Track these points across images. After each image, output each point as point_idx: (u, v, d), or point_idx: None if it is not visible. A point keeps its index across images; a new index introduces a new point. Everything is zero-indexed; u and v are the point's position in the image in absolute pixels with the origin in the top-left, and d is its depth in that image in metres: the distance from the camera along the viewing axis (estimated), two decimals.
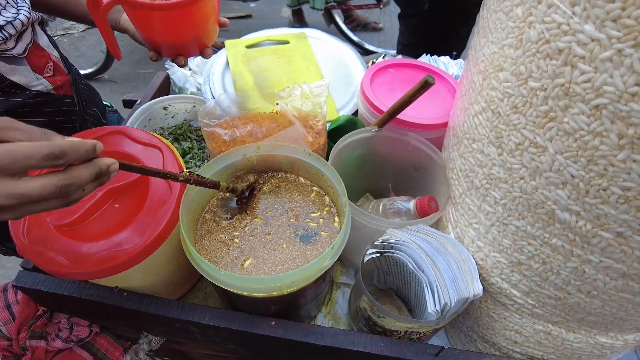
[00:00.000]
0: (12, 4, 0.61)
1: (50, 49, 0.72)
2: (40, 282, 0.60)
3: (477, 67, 0.50)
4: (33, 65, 0.67)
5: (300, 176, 0.66)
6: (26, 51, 0.65)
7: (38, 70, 0.68)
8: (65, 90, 0.73)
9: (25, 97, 0.66)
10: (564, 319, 0.52)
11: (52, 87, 0.70)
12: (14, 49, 0.62)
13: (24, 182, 0.35)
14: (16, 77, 0.64)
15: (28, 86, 0.66)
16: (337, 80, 0.86)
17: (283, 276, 0.49)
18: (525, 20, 0.40)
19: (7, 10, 0.60)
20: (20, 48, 0.64)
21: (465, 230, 0.57)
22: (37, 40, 0.68)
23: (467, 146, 0.53)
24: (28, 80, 0.66)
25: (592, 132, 0.36)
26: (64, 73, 0.74)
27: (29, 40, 0.66)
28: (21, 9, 0.63)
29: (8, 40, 0.61)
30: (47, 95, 0.70)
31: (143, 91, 0.93)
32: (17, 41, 0.63)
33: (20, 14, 0.62)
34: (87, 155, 0.39)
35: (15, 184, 0.34)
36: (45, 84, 0.69)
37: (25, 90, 0.66)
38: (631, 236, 0.39)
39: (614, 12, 0.31)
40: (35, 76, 0.67)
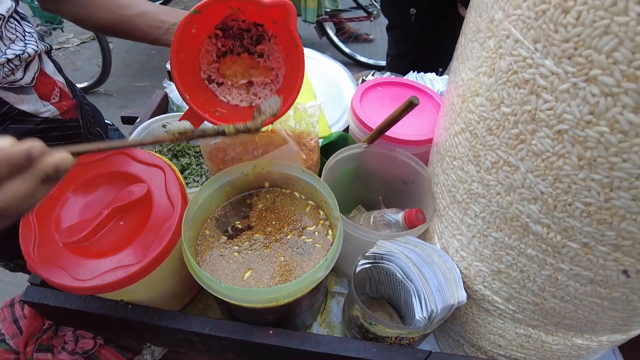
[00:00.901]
0: (21, 38, 0.64)
1: (56, 75, 0.74)
2: (47, 297, 0.63)
3: (457, 90, 0.55)
4: (40, 93, 0.69)
5: (295, 191, 0.70)
6: (34, 80, 0.68)
7: (45, 98, 0.70)
8: (71, 115, 0.76)
9: (33, 123, 0.69)
10: (542, 322, 0.56)
11: (59, 112, 0.73)
12: (22, 79, 0.65)
13: None
14: (24, 106, 0.67)
15: (36, 113, 0.69)
16: (329, 98, 0.90)
17: (280, 288, 0.52)
18: (496, 51, 0.44)
19: (16, 44, 0.63)
20: (28, 78, 0.67)
21: (449, 241, 0.61)
22: (43, 69, 0.71)
23: (449, 163, 0.57)
24: (36, 108, 0.69)
25: (557, 154, 0.40)
26: (69, 97, 0.76)
27: (36, 70, 0.68)
28: (29, 42, 0.66)
29: (16, 72, 0.64)
30: (53, 120, 0.72)
31: (139, 104, 0.97)
32: (25, 71, 0.66)
33: (29, 47, 0.65)
34: (21, 166, 0.33)
35: None
36: (52, 110, 0.71)
37: (34, 117, 0.69)
38: (595, 246, 0.43)
39: (568, 51, 0.35)
40: (42, 103, 0.70)
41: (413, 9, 1.35)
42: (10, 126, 0.66)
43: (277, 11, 0.58)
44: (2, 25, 0.61)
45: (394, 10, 1.49)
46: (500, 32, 0.43)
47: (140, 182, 0.63)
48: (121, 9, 0.74)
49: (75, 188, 0.62)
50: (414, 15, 1.37)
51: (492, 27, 0.44)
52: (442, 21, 1.37)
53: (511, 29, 0.41)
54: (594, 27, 0.33)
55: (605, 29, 0.32)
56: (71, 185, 0.62)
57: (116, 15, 0.74)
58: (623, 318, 0.52)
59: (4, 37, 0.62)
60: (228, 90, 0.68)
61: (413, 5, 1.35)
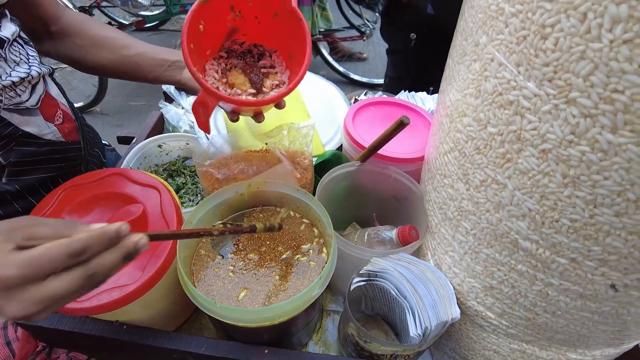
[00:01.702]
0: (25, 60, 0.66)
1: (59, 98, 0.75)
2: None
3: (445, 110, 0.56)
4: (45, 115, 0.70)
5: (290, 210, 0.70)
6: (39, 102, 0.68)
7: (49, 119, 0.71)
8: (72, 137, 0.77)
9: (37, 146, 0.69)
10: (536, 337, 0.56)
11: (61, 134, 0.73)
12: (27, 101, 0.66)
13: (49, 283, 0.35)
14: (29, 128, 0.67)
15: (40, 135, 0.69)
16: (323, 117, 0.92)
17: (275, 307, 0.53)
18: (481, 74, 0.46)
19: (20, 67, 0.64)
20: (34, 100, 0.67)
21: (442, 258, 0.62)
22: (48, 91, 0.72)
23: (440, 181, 0.58)
24: (40, 130, 0.69)
25: (542, 172, 0.42)
26: (71, 120, 0.77)
27: (41, 92, 0.69)
28: (32, 64, 0.67)
29: (23, 94, 0.65)
30: (56, 143, 0.73)
31: (135, 123, 0.98)
32: (32, 93, 0.67)
33: (32, 69, 0.66)
34: (110, 242, 0.38)
35: (41, 289, 0.34)
36: (55, 132, 0.72)
37: (37, 139, 0.69)
38: (582, 261, 0.44)
39: (548, 74, 0.37)
40: (46, 125, 0.70)
41: (413, 34, 1.38)
42: (14, 148, 0.67)
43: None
44: (6, 48, 0.62)
45: (394, 34, 1.52)
46: (484, 55, 0.45)
47: (136, 202, 0.63)
48: (122, 49, 0.76)
49: (71, 209, 0.62)
50: (414, 40, 1.40)
51: (477, 50, 0.46)
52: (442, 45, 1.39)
53: (495, 52, 0.43)
54: (571, 52, 0.34)
55: (581, 54, 0.34)
56: (67, 207, 0.62)
57: (117, 55, 0.76)
58: (614, 332, 0.53)
59: (9, 59, 0.63)
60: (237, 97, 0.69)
61: (413, 30, 1.38)
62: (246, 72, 0.70)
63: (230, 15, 0.66)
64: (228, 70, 0.71)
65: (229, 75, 0.70)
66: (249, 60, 0.72)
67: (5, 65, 0.62)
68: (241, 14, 0.67)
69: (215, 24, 0.66)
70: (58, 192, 0.64)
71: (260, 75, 0.71)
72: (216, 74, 0.69)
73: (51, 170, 0.73)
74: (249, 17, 0.68)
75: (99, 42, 0.76)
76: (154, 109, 1.03)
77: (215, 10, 0.63)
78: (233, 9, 0.66)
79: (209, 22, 0.64)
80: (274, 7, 0.66)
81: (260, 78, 0.71)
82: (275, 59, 0.73)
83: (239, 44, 0.72)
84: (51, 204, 0.62)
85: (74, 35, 0.76)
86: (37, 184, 0.73)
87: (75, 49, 0.76)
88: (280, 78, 0.72)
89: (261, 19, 0.68)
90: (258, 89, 0.70)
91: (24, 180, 0.71)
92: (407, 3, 1.33)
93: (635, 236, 0.39)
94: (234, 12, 0.66)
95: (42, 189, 0.75)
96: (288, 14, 0.64)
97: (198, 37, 0.64)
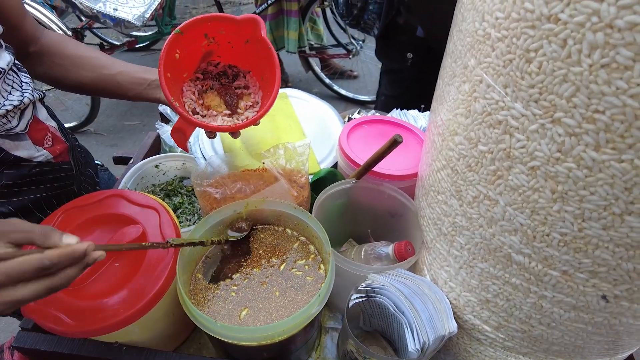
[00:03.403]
0: (17, 87, 0.66)
1: (48, 121, 0.76)
2: (39, 342, 0.62)
3: (437, 129, 0.58)
4: (33, 139, 0.71)
5: (287, 228, 0.71)
6: (27, 127, 0.69)
7: (38, 143, 0.72)
8: (63, 158, 0.77)
9: (28, 168, 0.70)
10: (532, 349, 0.57)
11: (52, 156, 0.74)
12: (17, 126, 0.67)
13: (17, 290, 0.41)
14: (20, 152, 0.68)
15: (30, 158, 0.70)
16: (317, 135, 0.94)
17: (275, 325, 0.53)
18: (471, 95, 0.48)
19: (13, 95, 0.65)
20: (23, 125, 0.68)
21: (438, 273, 0.63)
22: (37, 115, 0.72)
23: (434, 197, 0.60)
24: (30, 153, 0.70)
25: (532, 188, 0.43)
26: (61, 142, 0.78)
27: (29, 117, 0.70)
28: (25, 90, 0.68)
29: (12, 120, 0.66)
30: (47, 164, 0.74)
31: (129, 143, 0.99)
32: (20, 119, 0.67)
33: (25, 96, 0.67)
34: (77, 260, 0.44)
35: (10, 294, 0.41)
36: (46, 154, 0.73)
37: (28, 162, 0.70)
38: (574, 273, 0.45)
39: (534, 95, 0.39)
40: (36, 149, 0.71)
41: (410, 54, 1.41)
42: (5, 171, 0.67)
43: (249, 27, 0.68)
44: (2, 79, 0.63)
45: (391, 54, 1.54)
46: (473, 77, 0.47)
47: (135, 223, 0.64)
48: (102, 68, 0.78)
49: (71, 231, 0.62)
50: (410, 59, 1.43)
51: (466, 72, 0.49)
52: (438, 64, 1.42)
53: (483, 75, 0.45)
54: (554, 75, 0.37)
55: (563, 77, 0.36)
56: (67, 229, 0.63)
57: (97, 74, 0.78)
58: (608, 342, 0.54)
59: (2, 89, 0.63)
60: (213, 118, 0.73)
61: (410, 49, 1.41)
62: (221, 94, 0.74)
63: (205, 41, 0.70)
64: (204, 92, 0.75)
65: (205, 97, 0.74)
66: (224, 82, 0.76)
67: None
68: (215, 40, 0.70)
69: (190, 50, 0.69)
70: (57, 214, 0.64)
71: (235, 97, 0.75)
72: (193, 96, 0.73)
73: (43, 190, 0.74)
74: (222, 43, 0.71)
75: (79, 62, 0.78)
76: (148, 128, 1.05)
77: (190, 38, 0.67)
78: (207, 36, 0.69)
79: (184, 50, 0.68)
80: (245, 35, 0.70)
81: (235, 100, 0.75)
82: (249, 79, 0.77)
83: (214, 65, 0.75)
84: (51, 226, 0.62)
85: (53, 55, 0.77)
86: (30, 204, 0.74)
87: (54, 68, 0.77)
88: (253, 99, 0.76)
89: (234, 44, 0.72)
90: (233, 110, 0.74)
91: (16, 202, 0.72)
92: (403, 24, 1.36)
93: (622, 248, 0.41)
94: (208, 39, 0.70)
95: (36, 210, 0.75)
96: (258, 41, 0.69)
97: (174, 64, 0.67)
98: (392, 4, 1.37)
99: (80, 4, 2.24)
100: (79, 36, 2.64)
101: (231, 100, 0.75)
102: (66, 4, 2.30)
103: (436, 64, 1.09)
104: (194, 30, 0.67)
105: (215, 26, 0.68)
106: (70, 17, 2.96)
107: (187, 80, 0.74)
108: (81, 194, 0.83)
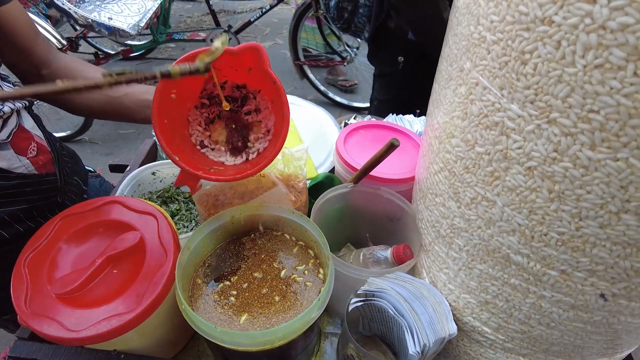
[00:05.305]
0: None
1: (34, 130, 0.74)
2: (36, 351, 0.61)
3: (434, 132, 0.59)
4: (17, 148, 0.69)
5: (286, 233, 0.71)
6: (10, 136, 0.67)
7: (22, 152, 0.70)
8: (47, 169, 0.75)
9: (5, 179, 0.68)
10: (532, 350, 0.57)
11: (34, 167, 0.72)
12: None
13: None
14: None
15: (10, 169, 0.68)
16: (314, 141, 0.95)
17: (274, 330, 0.53)
18: (467, 97, 0.49)
19: None
20: (4, 134, 0.66)
21: (437, 275, 0.63)
22: (22, 124, 0.71)
23: (431, 200, 0.60)
24: (10, 164, 0.68)
25: (529, 188, 0.44)
26: (47, 152, 0.76)
27: (14, 125, 0.68)
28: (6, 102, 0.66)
29: None
30: (28, 176, 0.71)
31: (124, 151, 0.98)
32: (2, 128, 0.66)
33: (6, 106, 0.65)
34: None
35: None
36: (27, 165, 0.71)
37: (7, 173, 0.67)
38: (572, 272, 0.46)
39: (530, 97, 0.40)
40: (18, 158, 0.69)
41: (401, 57, 1.43)
42: None
43: (250, 56, 0.59)
44: None
45: (382, 58, 1.56)
46: (469, 80, 0.47)
47: (133, 230, 0.64)
48: (109, 91, 0.77)
49: (67, 238, 0.62)
50: (401, 62, 1.44)
51: (462, 75, 0.49)
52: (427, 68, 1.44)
53: (479, 77, 0.46)
54: (549, 76, 0.37)
55: (558, 78, 0.37)
56: (64, 236, 0.62)
57: (104, 97, 0.77)
58: (607, 341, 0.54)
59: None
60: (222, 152, 0.68)
61: (401, 53, 1.42)
62: (229, 126, 0.68)
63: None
64: (211, 122, 0.68)
65: (212, 130, 0.68)
66: (232, 107, 0.67)
67: None
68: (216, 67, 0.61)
69: (188, 82, 0.62)
70: (55, 221, 0.64)
71: (245, 129, 0.68)
72: (199, 127, 0.67)
73: (22, 203, 0.72)
74: (224, 68, 0.63)
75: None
76: (143, 136, 1.05)
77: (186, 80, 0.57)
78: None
79: (181, 86, 0.61)
80: (247, 64, 0.62)
81: (245, 132, 0.68)
82: (260, 100, 0.68)
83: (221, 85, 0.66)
84: (48, 233, 0.62)
85: (64, 77, 0.77)
86: (6, 217, 0.71)
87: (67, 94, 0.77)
88: (265, 127, 0.68)
89: (238, 69, 0.64)
90: (242, 148, 0.68)
91: None
92: (394, 28, 1.38)
93: (620, 246, 0.42)
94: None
95: (15, 222, 0.73)
96: (263, 72, 0.60)
97: (171, 104, 0.61)
98: (381, 8, 1.39)
99: (75, 13, 2.24)
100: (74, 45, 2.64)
101: (240, 135, 0.67)
102: (61, 13, 2.31)
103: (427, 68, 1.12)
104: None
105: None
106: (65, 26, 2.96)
107: (192, 108, 0.66)
108: (65, 204, 0.82)
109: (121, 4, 2.39)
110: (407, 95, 1.55)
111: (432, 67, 0.62)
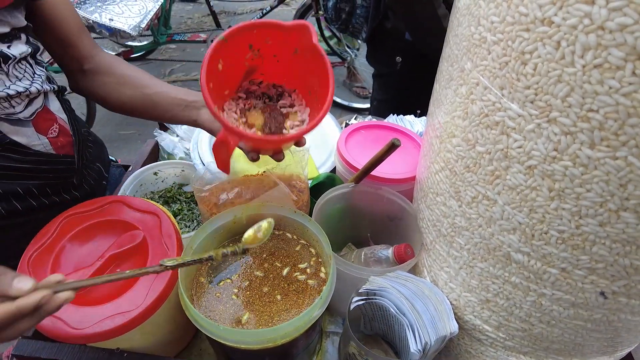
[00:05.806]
0: (28, 78, 0.67)
1: (59, 113, 0.76)
2: (40, 349, 0.62)
3: (434, 132, 0.59)
4: (38, 127, 0.71)
5: (288, 232, 0.72)
6: (34, 115, 0.70)
7: (42, 132, 0.72)
8: (66, 151, 0.77)
9: (22, 154, 0.69)
10: (532, 348, 0.58)
11: (52, 147, 0.74)
12: (21, 113, 0.67)
13: None
14: (18, 137, 0.68)
15: (28, 145, 0.70)
16: (316, 141, 0.95)
17: (277, 328, 0.53)
18: (468, 97, 0.49)
19: (22, 82, 0.66)
20: (28, 112, 0.68)
21: (438, 274, 0.64)
22: (47, 106, 0.73)
23: (432, 199, 0.61)
24: (29, 141, 0.70)
25: (529, 187, 0.44)
26: (68, 135, 0.78)
27: (39, 106, 0.71)
28: (35, 81, 0.68)
29: (17, 106, 0.66)
30: (44, 154, 0.73)
31: (125, 152, 0.98)
32: (27, 106, 0.68)
33: (33, 86, 0.68)
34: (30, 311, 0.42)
35: None
36: (45, 144, 0.73)
37: (25, 148, 0.69)
38: (572, 270, 0.46)
39: (530, 96, 0.40)
40: (37, 136, 0.71)
41: (399, 57, 1.43)
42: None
43: (297, 34, 0.60)
44: (10, 64, 0.64)
45: (380, 58, 1.57)
46: (470, 80, 0.48)
47: (136, 229, 0.64)
48: (143, 87, 0.78)
49: (71, 237, 0.63)
50: (399, 63, 1.45)
51: (463, 75, 0.50)
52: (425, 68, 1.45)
53: (480, 77, 0.46)
54: (549, 76, 0.38)
55: (558, 78, 0.37)
56: (67, 235, 0.63)
57: (138, 93, 0.78)
58: (607, 339, 0.55)
59: (10, 74, 0.65)
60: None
61: (399, 53, 1.43)
62: (266, 113, 0.68)
63: (249, 54, 0.64)
64: (247, 111, 0.68)
65: (248, 116, 0.68)
66: (267, 101, 0.69)
67: (5, 78, 0.64)
68: (259, 53, 0.64)
69: (233, 63, 0.63)
70: (58, 220, 0.64)
71: (281, 116, 0.68)
72: (235, 114, 0.67)
73: (37, 179, 0.74)
74: (267, 56, 0.65)
75: (123, 80, 0.78)
76: (144, 137, 1.05)
77: (233, 48, 0.61)
78: (252, 48, 0.63)
79: (228, 61, 0.62)
80: (293, 44, 0.62)
81: (281, 119, 0.68)
82: (294, 97, 0.69)
83: (257, 84, 0.69)
84: (52, 232, 0.62)
85: (104, 73, 0.78)
86: (20, 189, 0.73)
87: (101, 87, 0.78)
88: (300, 117, 0.69)
89: (280, 57, 0.65)
90: (278, 132, 0.67)
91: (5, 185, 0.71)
92: (391, 29, 1.39)
93: (619, 244, 0.42)
94: (253, 50, 0.63)
95: (28, 195, 0.74)
96: (308, 50, 0.60)
97: (216, 76, 0.61)
98: (378, 8, 1.39)
99: None
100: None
101: (276, 120, 0.67)
102: None
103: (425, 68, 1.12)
104: (239, 39, 0.60)
105: (261, 35, 0.61)
106: None
107: (228, 99, 0.67)
108: (82, 186, 0.83)
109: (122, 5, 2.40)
110: (405, 95, 1.56)
111: (430, 67, 0.63)
